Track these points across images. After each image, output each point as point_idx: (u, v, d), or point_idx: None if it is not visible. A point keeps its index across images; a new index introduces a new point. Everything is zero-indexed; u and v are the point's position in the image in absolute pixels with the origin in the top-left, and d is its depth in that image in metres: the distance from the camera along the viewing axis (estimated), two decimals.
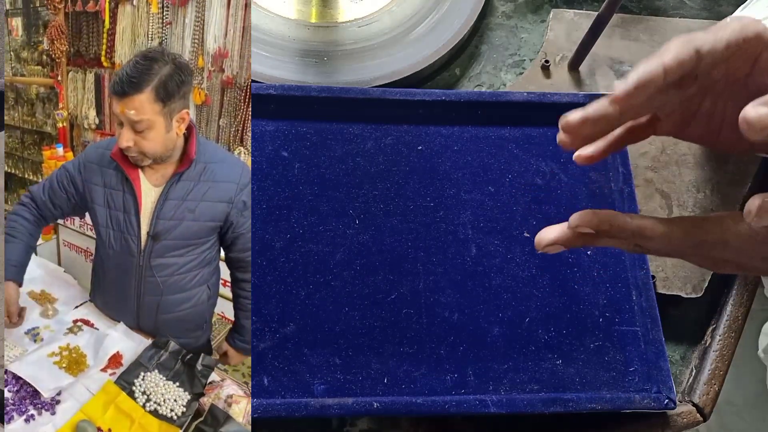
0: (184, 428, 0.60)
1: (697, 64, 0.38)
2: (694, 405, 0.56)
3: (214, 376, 0.65)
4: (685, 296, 0.59)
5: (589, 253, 0.58)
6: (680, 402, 0.56)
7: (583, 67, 0.69)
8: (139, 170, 0.67)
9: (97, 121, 1.55)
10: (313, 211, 0.58)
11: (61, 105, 1.58)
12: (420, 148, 0.61)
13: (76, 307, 0.75)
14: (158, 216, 0.67)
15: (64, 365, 0.64)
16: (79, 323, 0.71)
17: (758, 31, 0.37)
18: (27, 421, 0.57)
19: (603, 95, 0.63)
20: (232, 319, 0.75)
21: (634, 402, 0.51)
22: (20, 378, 0.60)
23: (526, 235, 0.58)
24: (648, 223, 0.38)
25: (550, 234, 0.42)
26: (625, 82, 0.38)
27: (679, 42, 0.38)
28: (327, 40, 0.70)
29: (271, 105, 0.61)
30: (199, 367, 0.64)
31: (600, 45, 0.66)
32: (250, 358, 0.60)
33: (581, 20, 0.72)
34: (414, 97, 0.62)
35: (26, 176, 1.71)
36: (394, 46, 0.70)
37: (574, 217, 0.40)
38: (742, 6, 0.65)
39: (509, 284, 0.56)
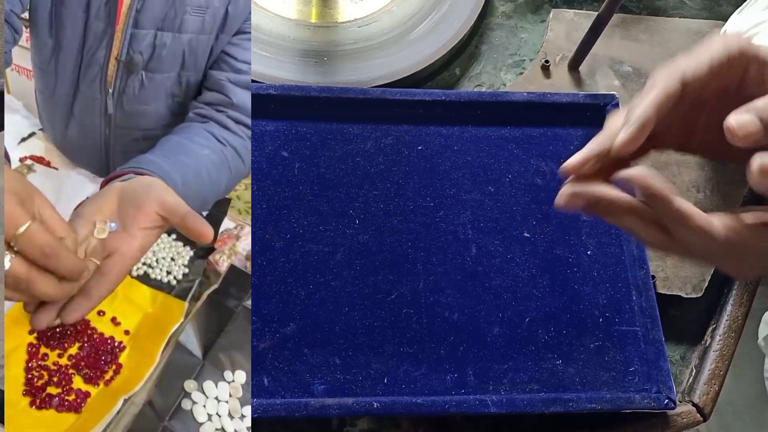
0: (190, 298, 0.48)
1: (684, 91, 0.38)
2: (694, 405, 0.56)
3: (227, 223, 0.51)
4: (685, 296, 0.59)
5: (589, 253, 0.58)
6: (680, 402, 0.56)
7: (583, 67, 0.69)
8: None
9: None
10: (313, 211, 0.58)
11: None
12: (420, 148, 0.61)
13: (23, 140, 0.56)
14: (134, 25, 0.43)
15: None
16: (28, 162, 0.52)
17: (741, 47, 0.37)
18: None
19: (603, 95, 0.63)
20: None
21: (634, 402, 0.51)
22: None
23: (526, 235, 0.58)
24: (690, 210, 0.35)
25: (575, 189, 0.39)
26: (627, 130, 0.38)
27: (663, 76, 0.38)
28: (327, 40, 0.70)
29: (271, 105, 0.61)
30: None
31: (600, 45, 0.66)
32: None
33: (581, 20, 0.72)
34: (414, 97, 0.62)
35: None
36: (394, 46, 0.70)
37: (623, 173, 0.36)
38: (740, 8, 0.65)
39: (509, 284, 0.56)
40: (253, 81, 0.64)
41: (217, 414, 0.52)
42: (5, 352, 0.49)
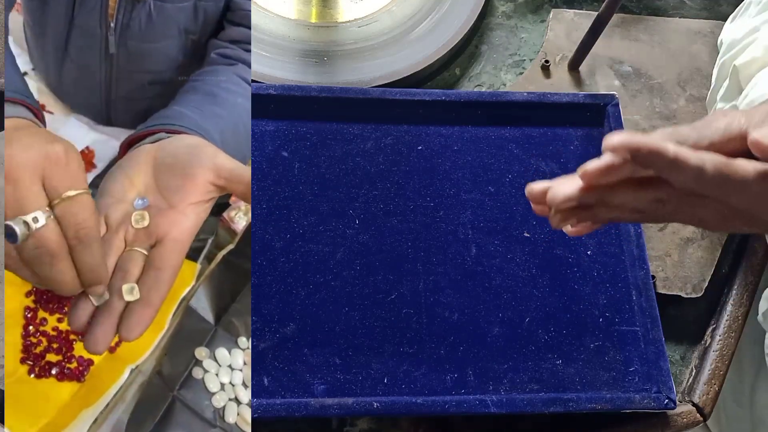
0: (201, 259, 0.46)
1: None
2: (694, 405, 0.56)
3: None
4: (685, 296, 0.59)
5: (589, 253, 0.58)
6: (680, 402, 0.56)
7: (583, 67, 0.69)
8: None
9: None
10: (313, 211, 0.58)
11: None
12: (420, 148, 0.61)
13: None
14: None
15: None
16: None
17: (742, 130, 0.37)
18: None
19: (603, 95, 0.63)
20: None
21: (634, 402, 0.51)
22: None
23: (526, 235, 0.58)
24: (682, 152, 0.34)
25: (562, 190, 0.38)
26: (596, 161, 0.37)
27: (660, 132, 0.38)
28: (327, 40, 0.70)
29: (271, 105, 0.61)
30: None
31: (600, 45, 0.66)
32: None
33: (581, 20, 0.72)
34: (414, 97, 0.62)
35: None
36: (394, 46, 0.70)
37: (611, 139, 0.35)
38: (732, 15, 0.65)
39: (509, 284, 0.56)
40: (253, 81, 0.64)
41: (230, 383, 0.50)
42: None
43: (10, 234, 0.27)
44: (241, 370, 0.51)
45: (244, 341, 0.51)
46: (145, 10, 0.39)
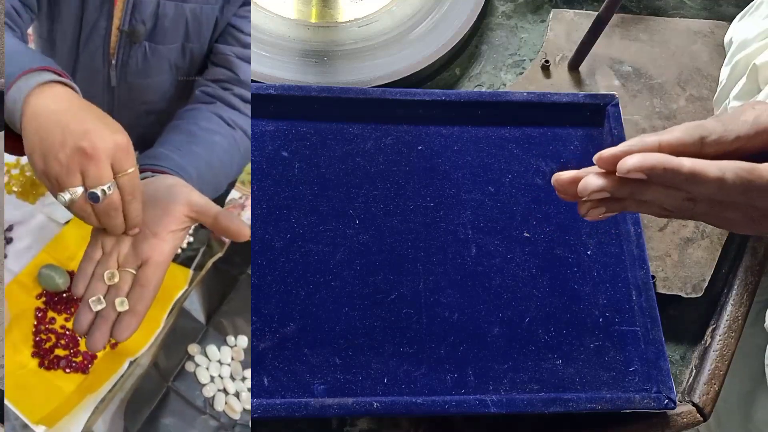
0: (194, 266, 0.51)
1: (699, 150, 0.38)
2: (694, 405, 0.56)
3: (233, 193, 0.54)
4: (685, 296, 0.59)
5: (589, 253, 0.58)
6: (680, 402, 0.56)
7: (583, 67, 0.69)
8: None
9: None
10: (313, 211, 0.58)
11: None
12: (420, 148, 0.61)
13: None
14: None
15: (15, 189, 0.50)
16: None
17: None
18: None
19: (603, 95, 0.63)
20: None
21: (634, 402, 0.51)
22: None
23: (526, 235, 0.58)
24: (700, 166, 0.36)
25: (595, 181, 0.39)
26: (614, 148, 0.38)
27: (685, 126, 0.38)
28: (327, 40, 0.70)
29: (271, 105, 0.61)
30: None
31: (600, 45, 0.66)
32: None
33: (581, 20, 0.72)
34: (414, 97, 0.62)
35: None
36: (394, 46, 0.70)
37: (625, 162, 0.37)
38: (741, 14, 0.65)
39: (509, 284, 0.56)
40: (253, 81, 0.64)
41: (219, 376, 0.56)
42: (11, 316, 0.52)
43: (94, 197, 0.39)
44: (229, 365, 0.57)
45: (232, 339, 0.58)
46: (141, 50, 0.47)
